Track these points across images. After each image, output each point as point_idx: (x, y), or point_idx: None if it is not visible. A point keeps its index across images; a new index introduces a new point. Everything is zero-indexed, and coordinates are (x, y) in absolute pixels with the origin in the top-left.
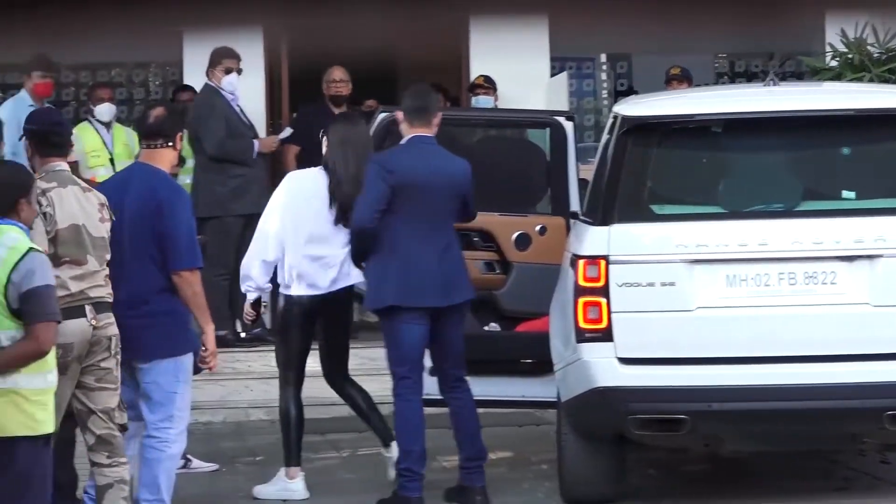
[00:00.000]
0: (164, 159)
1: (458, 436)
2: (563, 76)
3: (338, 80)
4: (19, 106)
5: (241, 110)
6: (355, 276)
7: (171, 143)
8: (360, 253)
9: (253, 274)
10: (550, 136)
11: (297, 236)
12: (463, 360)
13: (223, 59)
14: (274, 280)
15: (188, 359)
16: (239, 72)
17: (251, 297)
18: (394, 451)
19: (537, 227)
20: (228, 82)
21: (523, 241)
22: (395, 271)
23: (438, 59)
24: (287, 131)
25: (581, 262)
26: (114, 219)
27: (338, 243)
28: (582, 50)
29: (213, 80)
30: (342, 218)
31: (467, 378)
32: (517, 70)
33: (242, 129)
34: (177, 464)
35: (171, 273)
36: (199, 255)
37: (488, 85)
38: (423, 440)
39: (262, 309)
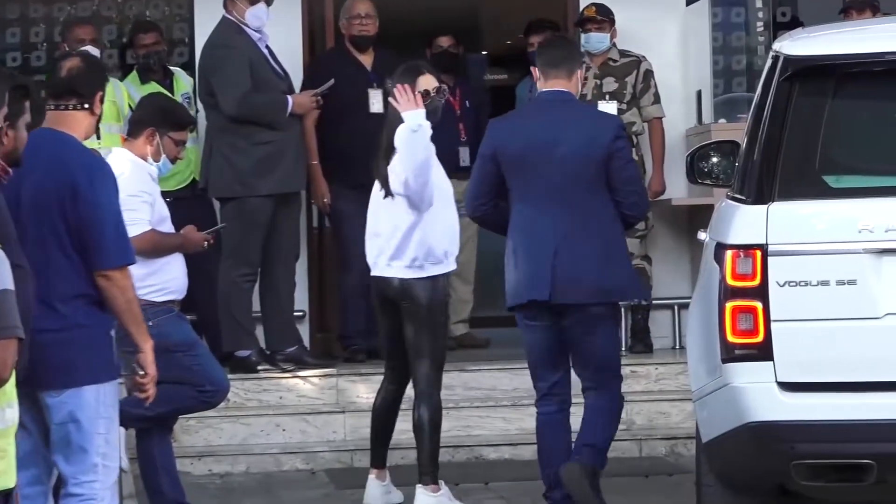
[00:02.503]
0: (77, 125)
1: None
2: (705, 4)
3: (364, 14)
4: None
5: (272, 54)
6: (402, 269)
7: (87, 106)
8: None
9: None
10: None
11: None
12: None
13: None
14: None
15: (113, 388)
16: (269, 2)
17: None
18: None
19: None
20: (255, 16)
21: None
22: None
23: None
24: (330, 83)
25: (729, 254)
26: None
27: (383, 220)
28: None
29: (234, 13)
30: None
31: None
32: None
33: (273, 79)
34: None
35: (96, 274)
36: (130, 249)
37: (602, 17)
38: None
39: None
